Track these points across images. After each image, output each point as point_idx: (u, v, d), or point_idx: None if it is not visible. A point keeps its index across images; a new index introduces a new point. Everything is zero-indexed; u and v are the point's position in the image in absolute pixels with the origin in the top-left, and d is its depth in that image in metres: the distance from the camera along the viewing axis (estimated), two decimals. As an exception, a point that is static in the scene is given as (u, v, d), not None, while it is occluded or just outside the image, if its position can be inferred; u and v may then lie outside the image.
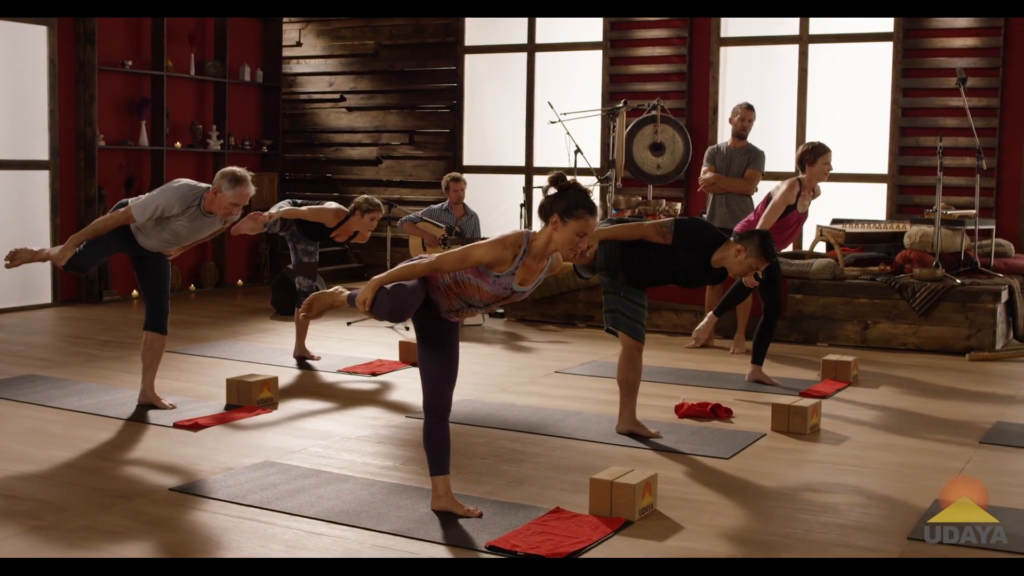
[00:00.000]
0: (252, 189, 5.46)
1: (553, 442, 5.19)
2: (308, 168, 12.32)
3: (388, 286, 3.80)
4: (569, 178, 3.94)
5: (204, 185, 5.52)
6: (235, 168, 5.44)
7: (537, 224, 3.97)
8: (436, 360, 4.10)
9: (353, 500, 4.24)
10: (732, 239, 5.31)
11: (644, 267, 5.25)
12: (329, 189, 12.04)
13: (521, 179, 11.14)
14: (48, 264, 9.36)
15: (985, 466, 4.91)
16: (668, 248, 5.23)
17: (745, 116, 8.15)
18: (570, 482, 4.49)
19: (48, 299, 9.51)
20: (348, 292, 4.14)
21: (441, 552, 3.72)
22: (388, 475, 4.63)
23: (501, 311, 9.36)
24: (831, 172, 6.72)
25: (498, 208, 11.17)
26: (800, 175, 6.64)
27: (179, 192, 5.45)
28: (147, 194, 5.58)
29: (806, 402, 5.52)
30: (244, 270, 11.40)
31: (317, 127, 12.26)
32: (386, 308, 3.79)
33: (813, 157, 6.59)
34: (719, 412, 5.75)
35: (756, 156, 8.10)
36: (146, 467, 4.73)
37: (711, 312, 6.49)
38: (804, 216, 6.75)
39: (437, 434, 4.11)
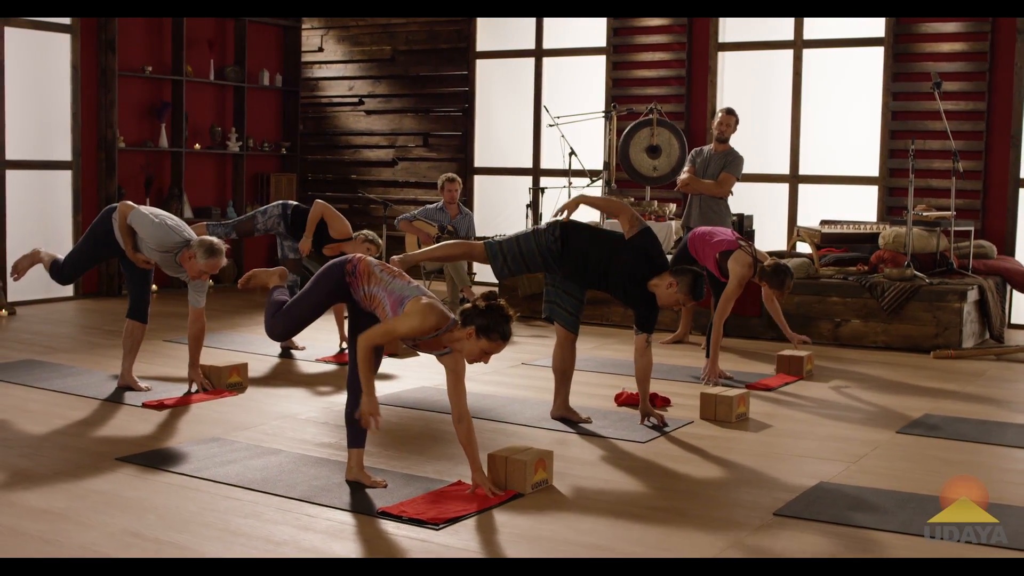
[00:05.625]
0: (224, 262, 5.93)
1: (486, 425, 5.54)
2: (329, 169, 12.79)
3: (281, 314, 4.53)
4: (501, 301, 4.28)
5: (188, 238, 5.95)
6: (214, 240, 5.87)
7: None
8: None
9: (276, 470, 4.64)
10: (670, 271, 5.53)
11: (582, 265, 5.55)
12: (349, 190, 12.48)
13: (528, 180, 11.50)
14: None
15: (887, 452, 5.18)
16: (619, 245, 5.51)
17: (724, 120, 8.38)
18: (483, 460, 4.83)
19: (70, 292, 10.06)
20: (281, 283, 4.79)
21: (337, 515, 4.10)
22: (320, 451, 5.02)
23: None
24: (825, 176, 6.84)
25: (508, 207, 11.55)
26: (755, 276, 6.84)
27: (164, 239, 5.89)
28: (152, 214, 5.99)
29: (733, 392, 5.82)
30: (262, 266, 11.88)
31: (337, 130, 12.73)
32: (275, 328, 4.71)
33: (777, 283, 6.77)
34: (656, 401, 6.05)
35: (732, 160, 8.32)
36: (105, 440, 5.17)
37: None
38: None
39: (354, 410, 4.50)
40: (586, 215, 10.18)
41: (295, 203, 7.72)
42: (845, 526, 4.06)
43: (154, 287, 10.29)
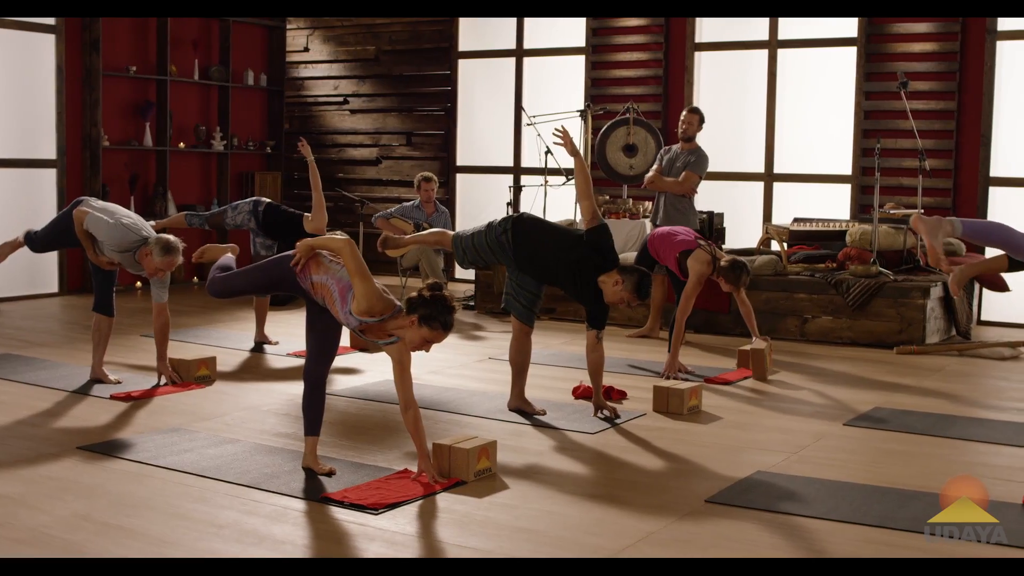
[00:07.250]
0: (180, 260, 6.04)
1: (443, 416, 5.69)
2: (314, 167, 12.90)
3: (221, 275, 4.58)
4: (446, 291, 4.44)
5: (146, 236, 6.07)
6: (170, 238, 6.00)
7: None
8: (313, 337, 4.73)
9: (230, 458, 4.79)
10: (618, 269, 5.66)
11: (533, 261, 5.69)
12: (332, 188, 12.61)
13: (509, 179, 11.64)
14: (55, 255, 10.13)
15: (829, 444, 5.32)
16: (569, 242, 5.66)
17: (687, 119, 8.53)
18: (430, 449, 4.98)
19: (55, 288, 10.22)
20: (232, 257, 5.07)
21: (282, 501, 4.25)
22: (276, 440, 5.17)
23: (471, 303, 9.89)
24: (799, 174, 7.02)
25: (491, 206, 11.68)
26: (715, 274, 7.07)
27: (121, 240, 6.00)
28: (108, 215, 6.10)
29: (685, 385, 5.96)
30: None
31: (323, 129, 12.88)
32: (214, 286, 4.83)
33: (733, 279, 7.04)
34: (612, 394, 6.19)
35: (696, 159, 8.46)
36: (68, 430, 5.32)
37: None
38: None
39: (309, 400, 4.68)
40: (558, 208, 10.35)
41: (268, 200, 7.85)
42: (771, 512, 4.20)
43: (138, 284, 10.57)
